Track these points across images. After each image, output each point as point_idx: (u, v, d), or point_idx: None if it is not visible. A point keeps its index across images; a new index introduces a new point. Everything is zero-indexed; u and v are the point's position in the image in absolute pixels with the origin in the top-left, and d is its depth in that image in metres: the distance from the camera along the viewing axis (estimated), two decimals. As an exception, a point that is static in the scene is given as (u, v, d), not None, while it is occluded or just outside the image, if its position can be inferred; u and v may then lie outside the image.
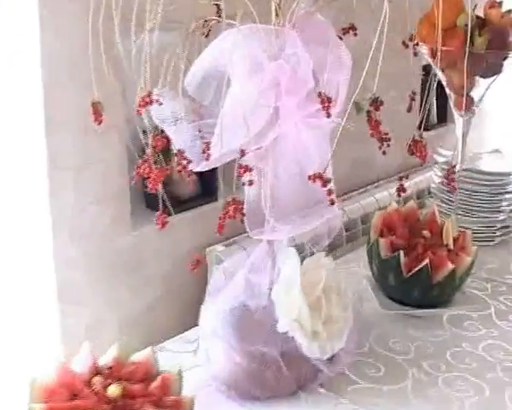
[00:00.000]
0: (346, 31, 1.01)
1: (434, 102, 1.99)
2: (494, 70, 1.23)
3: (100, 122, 0.88)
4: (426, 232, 1.15)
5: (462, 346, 1.06)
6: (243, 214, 0.90)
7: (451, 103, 1.26)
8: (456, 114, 1.26)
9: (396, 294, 1.13)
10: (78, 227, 1.12)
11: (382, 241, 1.11)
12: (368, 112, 0.77)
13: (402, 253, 1.08)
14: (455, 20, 1.21)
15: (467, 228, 1.39)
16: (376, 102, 0.77)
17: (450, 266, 1.07)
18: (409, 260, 1.09)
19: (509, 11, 1.22)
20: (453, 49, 1.18)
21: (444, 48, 1.18)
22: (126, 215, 1.20)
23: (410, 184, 1.68)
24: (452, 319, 1.13)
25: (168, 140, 0.89)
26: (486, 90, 1.25)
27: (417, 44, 1.03)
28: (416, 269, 1.07)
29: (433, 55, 1.23)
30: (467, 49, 1.15)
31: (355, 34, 1.02)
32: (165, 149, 0.87)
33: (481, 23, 1.20)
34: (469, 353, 1.04)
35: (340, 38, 1.01)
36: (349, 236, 1.45)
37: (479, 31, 1.19)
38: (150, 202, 1.26)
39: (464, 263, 1.10)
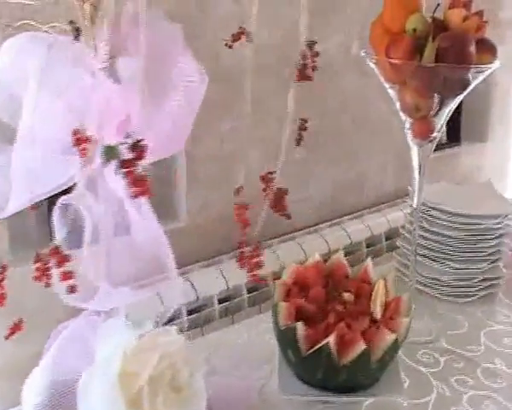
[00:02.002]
0: (236, 38, 0.80)
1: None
2: (456, 87, 0.95)
3: None
4: (347, 295, 0.90)
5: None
6: (48, 277, 0.70)
7: (405, 128, 1.00)
8: (410, 141, 1.00)
9: (299, 372, 0.89)
10: None
11: (282, 305, 0.87)
12: (124, 162, 0.53)
13: (300, 324, 0.84)
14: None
15: (438, 280, 1.14)
16: (138, 147, 0.53)
17: (362, 345, 0.82)
18: (314, 332, 0.85)
19: (477, 13, 0.94)
20: (397, 60, 0.92)
21: (386, 59, 0.94)
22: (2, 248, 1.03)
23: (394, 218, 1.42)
24: (373, 408, 0.88)
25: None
26: (449, 113, 0.98)
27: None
28: (316, 347, 0.83)
29: (382, 67, 0.98)
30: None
31: (248, 40, 0.81)
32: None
33: (439, 27, 0.93)
34: None
35: (230, 47, 0.80)
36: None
37: (433, 37, 0.92)
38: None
39: (383, 342, 0.84)
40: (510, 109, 1.82)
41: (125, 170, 0.55)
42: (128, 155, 0.55)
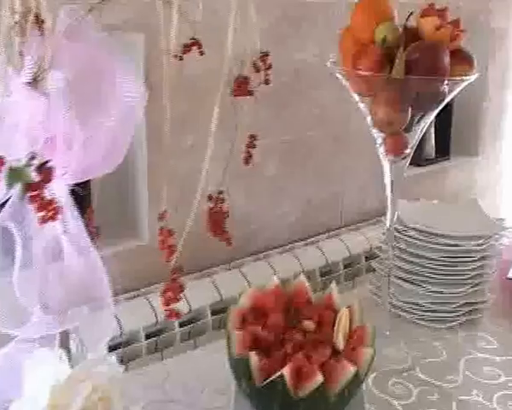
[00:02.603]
0: (187, 49, 0.75)
1: (432, 134, 1.64)
2: (430, 101, 0.90)
3: None
4: (307, 323, 0.84)
5: None
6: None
7: (377, 144, 0.94)
8: (382, 158, 0.94)
9: (255, 404, 0.83)
10: None
11: (236, 334, 0.81)
12: (29, 185, 0.49)
13: (254, 354, 0.78)
14: (379, 33, 0.90)
15: (416, 305, 1.07)
16: (44, 169, 0.48)
17: (319, 379, 0.76)
18: (270, 363, 0.79)
19: (453, 22, 0.88)
20: (364, 72, 0.86)
21: (353, 70, 0.89)
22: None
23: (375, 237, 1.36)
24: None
25: None
26: (424, 128, 0.92)
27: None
28: (270, 379, 0.77)
29: (352, 79, 0.92)
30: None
31: (201, 53, 0.76)
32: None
33: (411, 37, 0.88)
34: None
35: (180, 58, 0.75)
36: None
37: (405, 47, 0.86)
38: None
39: (343, 375, 0.78)
40: (503, 121, 1.73)
41: (30, 194, 0.50)
42: (35, 178, 0.50)
